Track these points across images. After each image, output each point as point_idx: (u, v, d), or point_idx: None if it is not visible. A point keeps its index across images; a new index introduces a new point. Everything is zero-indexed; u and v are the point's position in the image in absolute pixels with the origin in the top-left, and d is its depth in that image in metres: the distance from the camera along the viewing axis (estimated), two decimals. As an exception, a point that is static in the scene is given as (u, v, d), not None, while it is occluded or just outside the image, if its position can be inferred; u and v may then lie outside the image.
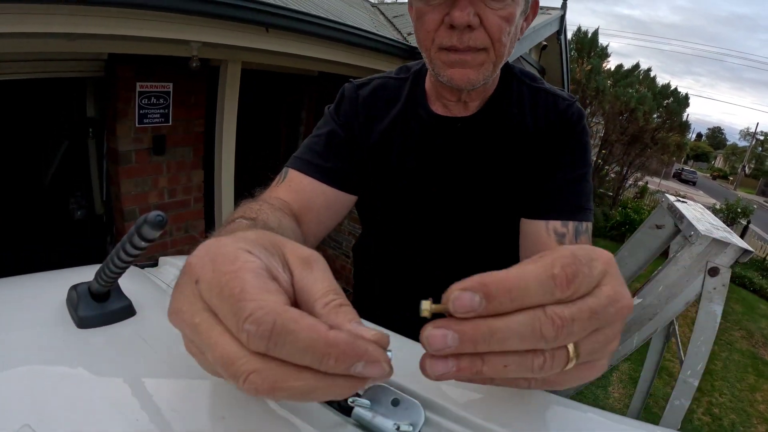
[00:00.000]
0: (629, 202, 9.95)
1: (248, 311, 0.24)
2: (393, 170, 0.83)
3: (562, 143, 0.77)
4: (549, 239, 0.74)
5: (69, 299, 0.49)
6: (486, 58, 0.68)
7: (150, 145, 3.01)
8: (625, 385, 3.82)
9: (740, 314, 6.45)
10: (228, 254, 0.28)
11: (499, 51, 0.68)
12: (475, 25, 0.64)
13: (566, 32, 7.10)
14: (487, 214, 0.81)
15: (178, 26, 2.16)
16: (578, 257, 0.29)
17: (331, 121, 0.84)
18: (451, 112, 0.80)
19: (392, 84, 0.86)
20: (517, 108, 0.79)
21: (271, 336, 0.24)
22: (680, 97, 10.64)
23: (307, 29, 2.60)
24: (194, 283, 0.28)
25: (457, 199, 0.81)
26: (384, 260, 0.96)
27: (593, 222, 0.80)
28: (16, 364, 0.40)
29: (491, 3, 0.64)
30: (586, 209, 0.77)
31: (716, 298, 1.45)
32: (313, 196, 0.77)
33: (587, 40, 10.72)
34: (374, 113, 0.84)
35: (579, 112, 0.79)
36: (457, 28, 0.64)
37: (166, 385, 0.40)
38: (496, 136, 0.79)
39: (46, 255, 3.08)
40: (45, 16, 1.71)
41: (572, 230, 0.74)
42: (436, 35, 0.67)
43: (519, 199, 0.79)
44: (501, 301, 0.27)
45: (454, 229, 0.85)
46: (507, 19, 0.65)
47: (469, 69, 0.68)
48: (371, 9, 4.90)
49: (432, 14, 0.66)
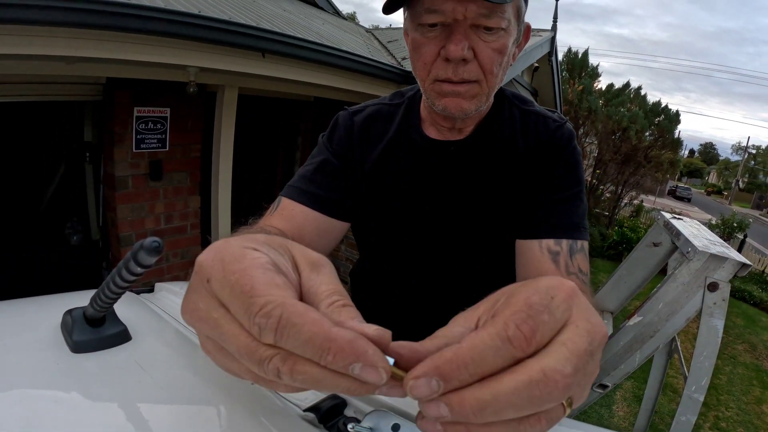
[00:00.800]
0: (625, 221, 9.97)
1: (258, 306, 0.25)
2: (388, 192, 0.83)
3: (553, 164, 0.78)
4: (543, 258, 0.74)
5: (64, 324, 0.48)
6: (479, 90, 0.70)
7: (147, 171, 3.02)
8: (630, 403, 3.76)
9: (742, 328, 6.41)
10: (236, 253, 0.29)
11: (491, 82, 0.70)
12: (469, 59, 0.66)
13: (557, 53, 7.25)
14: (480, 235, 0.82)
15: (175, 51, 2.20)
16: (534, 306, 0.27)
17: (324, 150, 0.85)
18: (445, 136, 0.81)
19: (386, 110, 0.88)
20: (509, 130, 0.81)
21: (278, 328, 0.25)
22: (671, 114, 10.79)
23: (303, 55, 2.64)
24: (206, 281, 0.29)
25: (450, 220, 0.82)
26: (380, 282, 0.96)
27: (589, 240, 0.80)
28: (10, 388, 0.39)
29: (484, 36, 0.65)
30: (581, 227, 0.77)
31: (717, 313, 1.44)
32: (305, 224, 0.78)
33: (578, 60, 10.93)
34: (370, 139, 0.85)
35: (569, 132, 0.80)
36: (452, 61, 0.66)
37: (161, 410, 0.39)
38: (488, 159, 0.80)
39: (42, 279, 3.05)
40: (45, 38, 1.74)
41: (566, 248, 0.75)
42: (433, 67, 0.69)
43: (512, 219, 0.80)
44: (459, 379, 0.26)
45: (448, 250, 0.85)
46: (499, 50, 0.67)
47: (462, 99, 0.70)
48: (366, 34, 5.00)
49: (428, 46, 0.67)
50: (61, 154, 3.22)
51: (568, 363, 0.26)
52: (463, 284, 0.88)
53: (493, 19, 0.64)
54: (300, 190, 0.80)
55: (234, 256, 0.29)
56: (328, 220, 0.80)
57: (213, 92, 3.15)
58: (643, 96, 11.09)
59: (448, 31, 0.65)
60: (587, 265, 0.76)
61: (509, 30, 0.67)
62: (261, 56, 2.52)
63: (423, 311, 0.91)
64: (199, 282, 0.30)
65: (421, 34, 0.67)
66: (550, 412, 0.27)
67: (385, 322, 1.02)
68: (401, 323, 0.93)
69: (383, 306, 0.97)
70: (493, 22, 0.64)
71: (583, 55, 10.93)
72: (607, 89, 11.28)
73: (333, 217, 0.81)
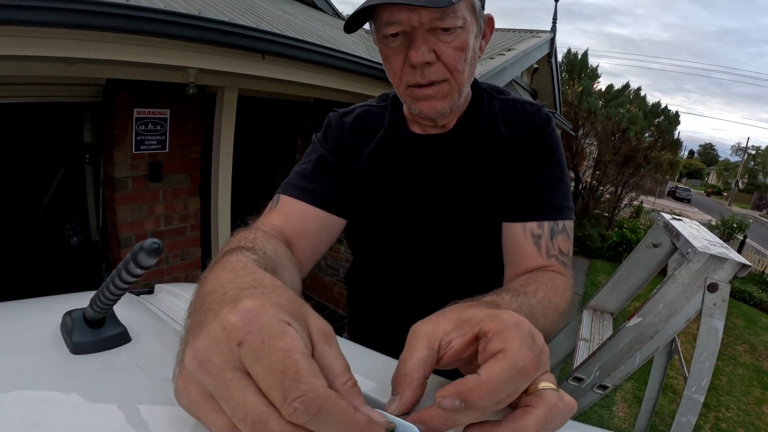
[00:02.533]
0: (625, 222, 9.96)
1: (301, 392, 0.28)
2: (381, 192, 0.85)
3: (534, 148, 0.81)
4: (526, 241, 0.78)
5: (63, 325, 0.48)
6: (448, 88, 0.73)
7: (147, 172, 3.02)
8: (630, 404, 3.76)
9: (742, 328, 6.40)
10: (274, 327, 0.30)
11: (459, 79, 0.73)
12: (432, 61, 0.69)
13: (557, 54, 7.26)
14: (473, 226, 0.84)
15: (175, 52, 2.19)
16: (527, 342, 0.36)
17: (320, 148, 0.87)
18: (428, 132, 0.85)
19: (374, 111, 0.91)
20: (490, 120, 0.84)
21: (315, 414, 0.28)
22: (671, 115, 10.79)
23: (302, 56, 2.64)
24: (236, 344, 0.30)
25: (444, 215, 0.84)
26: (376, 281, 0.96)
27: (574, 220, 0.82)
28: (9, 389, 0.39)
29: (443, 37, 0.69)
30: (563, 207, 0.80)
31: (717, 314, 1.44)
32: (305, 220, 0.79)
33: (577, 61, 10.94)
34: (361, 139, 0.88)
35: (546, 116, 0.84)
36: (417, 67, 0.70)
37: (161, 411, 0.39)
38: (472, 149, 0.83)
39: (41, 280, 3.04)
40: (45, 39, 1.74)
41: (548, 230, 0.78)
42: (403, 74, 0.73)
43: (500, 207, 0.82)
44: (478, 404, 0.34)
45: (443, 246, 0.86)
46: (461, 48, 0.70)
47: (434, 101, 0.74)
48: (365, 36, 5.00)
49: (395, 56, 0.72)
50: (61, 155, 3.22)
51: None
52: (460, 282, 0.88)
53: (447, 20, 0.67)
54: (298, 187, 0.81)
55: (274, 332, 0.30)
56: (328, 216, 0.81)
57: (213, 93, 3.15)
58: (643, 97, 11.10)
59: (409, 38, 0.69)
60: (568, 245, 0.80)
61: (466, 26, 0.70)
62: (261, 57, 2.52)
63: (421, 310, 0.91)
64: (225, 340, 0.30)
65: (386, 45, 0.72)
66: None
67: (384, 321, 1.02)
68: (399, 322, 0.93)
69: (381, 306, 0.97)
70: (448, 23, 0.67)
71: (583, 56, 10.94)
72: (607, 90, 11.29)
73: (332, 212, 0.82)
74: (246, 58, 2.49)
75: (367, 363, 0.57)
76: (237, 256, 0.48)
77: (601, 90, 11.35)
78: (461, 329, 0.41)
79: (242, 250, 0.52)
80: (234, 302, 0.32)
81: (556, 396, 0.36)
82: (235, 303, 0.32)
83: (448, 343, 0.41)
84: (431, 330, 0.42)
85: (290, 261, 0.67)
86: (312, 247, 0.79)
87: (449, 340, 0.41)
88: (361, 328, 1.06)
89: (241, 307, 0.31)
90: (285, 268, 0.59)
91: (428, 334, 0.41)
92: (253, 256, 0.51)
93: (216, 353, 0.30)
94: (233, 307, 0.32)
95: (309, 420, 0.28)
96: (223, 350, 0.30)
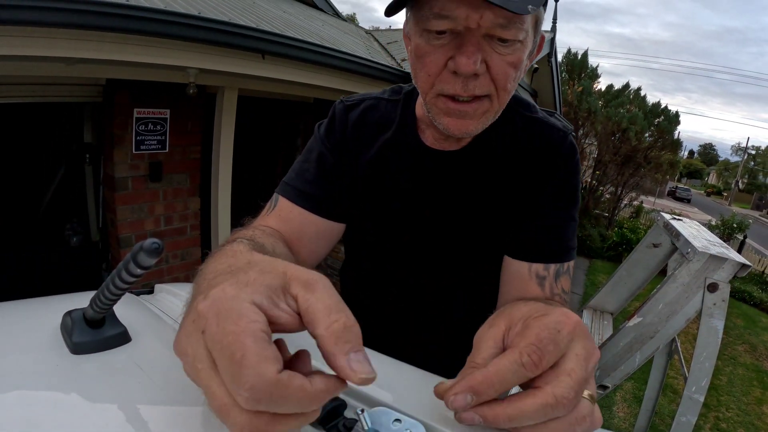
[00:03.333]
0: (625, 222, 9.95)
1: (246, 380, 0.27)
2: (386, 192, 0.81)
3: (553, 182, 0.75)
4: (530, 281, 0.74)
5: (63, 325, 0.48)
6: (488, 106, 0.64)
7: (147, 172, 3.02)
8: (630, 404, 3.75)
9: (742, 328, 6.40)
10: (232, 310, 0.30)
11: (503, 99, 0.64)
12: (481, 73, 0.59)
13: (557, 54, 7.26)
14: (478, 241, 0.81)
15: (175, 52, 2.20)
16: (543, 339, 0.39)
17: (320, 144, 0.82)
18: (441, 145, 0.77)
19: (383, 106, 0.83)
20: (510, 139, 0.76)
21: (264, 401, 0.28)
22: (671, 115, 10.79)
23: (302, 56, 2.64)
24: (200, 332, 0.30)
25: (450, 225, 0.80)
26: (375, 281, 0.94)
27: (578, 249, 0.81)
28: (9, 389, 0.39)
29: (499, 48, 0.58)
30: (569, 249, 0.77)
31: (717, 314, 1.44)
32: (303, 227, 0.76)
33: (577, 61, 10.93)
34: (363, 138, 0.81)
35: (572, 147, 0.76)
36: (461, 76, 0.59)
37: (161, 411, 0.39)
38: (486, 169, 0.77)
39: (42, 280, 3.04)
40: (45, 39, 1.74)
41: (552, 273, 0.74)
42: (438, 80, 0.62)
43: (504, 231, 0.78)
44: (487, 394, 0.38)
45: (446, 252, 0.84)
46: (514, 65, 0.60)
47: (468, 120, 0.64)
48: (365, 36, 5.01)
49: (434, 56, 0.60)
50: (61, 155, 3.22)
51: (572, 390, 0.37)
52: (460, 284, 0.87)
53: (511, 30, 0.57)
54: (297, 191, 0.78)
55: (230, 313, 0.30)
56: (326, 223, 0.79)
57: (213, 93, 3.16)
58: (643, 97, 11.08)
59: (459, 40, 0.58)
60: (569, 283, 0.78)
61: (525, 42, 0.60)
62: (261, 57, 2.52)
63: (420, 309, 0.90)
64: (194, 330, 0.31)
65: (427, 41, 0.60)
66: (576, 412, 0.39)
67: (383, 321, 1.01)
68: (398, 322, 0.93)
69: (380, 305, 0.95)
70: (510, 34, 0.57)
71: (583, 56, 10.93)
72: (607, 90, 11.28)
73: (330, 219, 0.79)
74: (246, 58, 2.49)
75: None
76: (230, 245, 0.49)
77: (601, 90, 11.35)
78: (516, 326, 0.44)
79: (237, 240, 0.52)
80: (205, 293, 0.33)
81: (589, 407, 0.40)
82: (205, 294, 0.33)
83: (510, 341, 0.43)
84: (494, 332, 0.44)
85: (287, 257, 0.66)
86: (310, 252, 0.78)
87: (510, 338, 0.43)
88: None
89: (210, 295, 0.32)
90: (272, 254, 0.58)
91: (493, 335, 0.44)
92: (248, 242, 0.51)
93: (189, 344, 0.31)
94: (205, 295, 0.32)
95: (259, 406, 0.28)
96: (194, 342, 0.31)
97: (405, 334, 0.91)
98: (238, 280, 0.33)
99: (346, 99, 0.86)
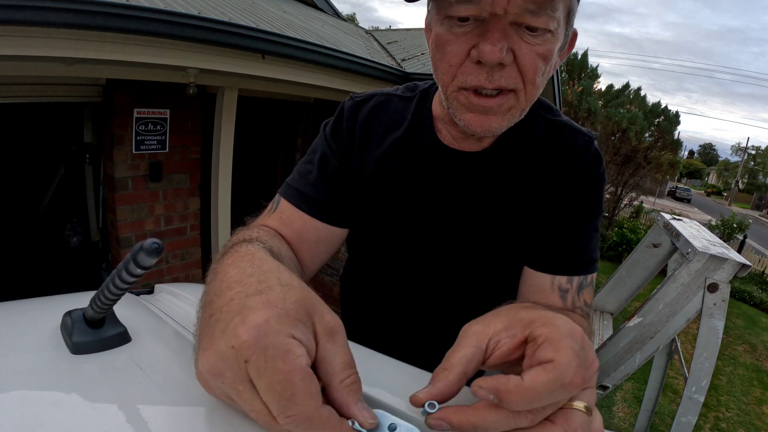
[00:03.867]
0: (625, 222, 9.96)
1: (293, 412, 0.32)
2: (392, 197, 0.77)
3: (578, 190, 0.72)
4: (552, 294, 0.72)
5: (63, 325, 0.48)
6: (515, 102, 0.59)
7: (147, 172, 3.02)
8: (630, 404, 3.75)
9: (742, 328, 6.41)
10: (278, 347, 0.32)
11: (531, 94, 0.58)
12: (508, 63, 0.54)
13: (556, 55, 7.25)
14: (494, 248, 0.77)
15: (175, 52, 2.20)
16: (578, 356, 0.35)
17: (325, 146, 0.78)
18: (460, 145, 0.73)
19: (395, 103, 0.79)
20: (533, 143, 0.72)
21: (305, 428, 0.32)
22: (671, 115, 10.79)
23: (302, 56, 2.64)
24: (243, 361, 0.32)
25: (464, 230, 0.77)
26: (377, 284, 0.91)
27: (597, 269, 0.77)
28: (9, 389, 0.39)
29: (528, 37, 0.54)
30: (593, 261, 0.74)
31: (717, 314, 1.44)
32: (304, 231, 0.74)
33: (577, 61, 10.94)
34: (372, 137, 0.77)
35: (597, 153, 0.73)
36: (486, 65, 0.54)
37: (161, 411, 0.39)
38: (507, 174, 0.73)
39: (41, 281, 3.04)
40: (44, 39, 1.74)
41: (576, 286, 0.72)
42: (460, 71, 0.57)
43: (525, 240, 0.75)
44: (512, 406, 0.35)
45: (458, 258, 0.81)
46: (544, 56, 0.55)
47: (492, 117, 0.59)
48: (365, 36, 5.01)
49: (455, 44, 0.55)
50: (61, 155, 3.22)
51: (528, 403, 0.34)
52: (470, 291, 0.84)
53: (542, 17, 0.52)
54: (300, 194, 0.75)
55: (277, 352, 0.32)
56: (327, 228, 0.76)
57: (213, 94, 3.16)
58: (643, 97, 11.10)
59: (483, 27, 0.53)
60: (592, 296, 0.75)
61: (557, 34, 0.55)
62: (261, 57, 2.52)
63: (422, 314, 0.88)
64: (234, 356, 0.33)
65: (448, 29, 0.55)
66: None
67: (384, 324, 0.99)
68: (399, 326, 0.91)
69: (382, 309, 0.93)
70: (541, 22, 0.52)
71: (583, 57, 10.94)
72: (607, 90, 11.29)
73: (332, 224, 0.76)
74: (246, 58, 2.49)
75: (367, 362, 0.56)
76: (246, 246, 0.48)
77: (600, 90, 11.35)
78: (511, 330, 0.40)
79: (252, 241, 0.52)
80: (241, 314, 0.34)
81: (584, 419, 0.36)
82: (242, 317, 0.34)
83: (497, 343, 0.40)
84: (482, 329, 0.41)
85: (292, 263, 0.65)
86: (312, 257, 0.76)
87: (498, 339, 0.40)
88: (358, 330, 0.98)
89: (249, 324, 0.33)
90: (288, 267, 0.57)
91: (478, 332, 0.41)
92: (262, 246, 0.50)
93: (227, 368, 0.33)
94: (242, 321, 0.33)
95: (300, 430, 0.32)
96: (233, 366, 0.33)
97: (405, 338, 0.88)
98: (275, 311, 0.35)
99: (356, 95, 0.82)
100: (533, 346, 0.37)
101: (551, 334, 0.37)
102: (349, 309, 1.02)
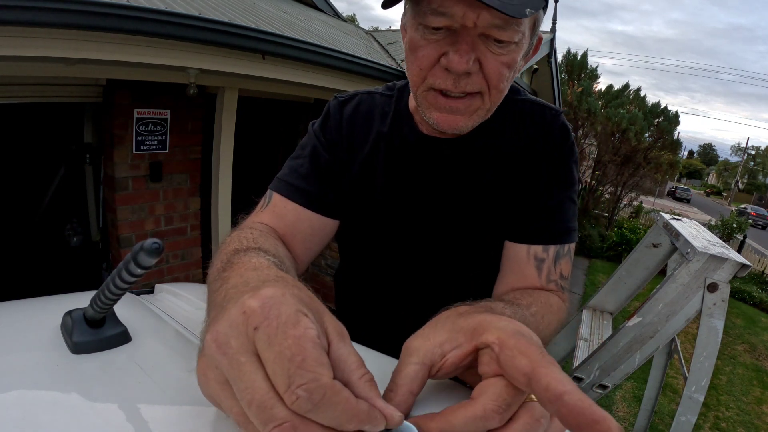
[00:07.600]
0: (625, 222, 9.96)
1: (305, 380, 0.28)
2: (378, 191, 0.80)
3: (549, 163, 0.75)
4: (528, 264, 0.74)
5: (64, 325, 0.48)
6: (480, 104, 0.64)
7: (147, 172, 3.02)
8: (630, 404, 3.75)
9: (741, 328, 6.41)
10: (290, 315, 0.31)
11: (495, 98, 0.64)
12: (474, 71, 0.59)
13: (556, 55, 7.27)
14: (476, 233, 0.80)
15: (175, 53, 2.20)
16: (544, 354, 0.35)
17: (315, 140, 0.81)
18: (438, 135, 0.77)
19: (377, 100, 0.84)
20: (501, 124, 0.76)
21: (318, 405, 0.28)
22: (670, 115, 10.79)
23: (302, 56, 2.64)
24: (252, 328, 0.31)
25: (445, 220, 0.79)
26: (369, 281, 0.93)
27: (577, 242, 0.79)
28: (9, 389, 0.39)
29: (494, 47, 0.58)
30: (570, 230, 0.76)
31: (717, 314, 1.45)
32: (297, 223, 0.76)
33: (577, 61, 10.93)
34: (357, 133, 0.81)
35: (565, 125, 0.77)
36: (453, 73, 0.59)
37: (161, 411, 0.39)
38: (481, 157, 0.76)
39: (41, 281, 3.04)
40: (45, 40, 1.74)
41: (552, 255, 0.74)
42: (429, 74, 0.62)
43: (505, 220, 0.77)
44: None
45: (441, 249, 0.82)
46: (508, 65, 0.60)
47: (458, 116, 0.64)
48: (365, 36, 5.01)
49: (427, 50, 0.60)
50: (61, 155, 3.22)
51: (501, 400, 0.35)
52: (460, 277, 0.86)
53: (507, 31, 0.57)
54: (291, 187, 0.77)
55: (290, 319, 0.31)
56: (320, 219, 0.78)
57: (213, 94, 3.15)
58: (643, 97, 11.09)
59: (453, 37, 0.58)
60: (569, 268, 0.77)
61: (521, 44, 0.60)
62: (261, 58, 2.52)
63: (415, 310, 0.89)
64: (243, 324, 0.31)
65: (422, 35, 0.60)
66: None
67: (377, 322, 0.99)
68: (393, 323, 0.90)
69: (374, 306, 0.94)
70: (506, 35, 0.57)
71: (583, 57, 10.93)
72: (607, 90, 11.28)
73: (325, 215, 0.78)
74: (246, 58, 2.49)
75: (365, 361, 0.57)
76: (257, 257, 0.49)
77: (600, 90, 11.35)
78: (455, 341, 0.41)
79: (259, 252, 0.52)
80: (255, 289, 0.34)
81: (543, 410, 0.36)
82: (255, 290, 0.33)
83: (443, 356, 0.40)
84: (421, 344, 0.42)
85: (290, 261, 0.66)
86: (305, 249, 0.77)
87: (443, 352, 0.41)
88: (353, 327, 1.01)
89: (263, 294, 0.33)
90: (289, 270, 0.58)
91: (419, 348, 0.41)
92: (273, 259, 0.51)
93: (234, 336, 0.31)
94: (254, 293, 0.33)
95: (311, 409, 0.28)
96: (240, 333, 0.31)
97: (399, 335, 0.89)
98: (290, 290, 0.35)
99: (339, 95, 0.86)
100: (490, 354, 0.38)
101: (502, 337, 0.37)
102: (344, 306, 1.04)
